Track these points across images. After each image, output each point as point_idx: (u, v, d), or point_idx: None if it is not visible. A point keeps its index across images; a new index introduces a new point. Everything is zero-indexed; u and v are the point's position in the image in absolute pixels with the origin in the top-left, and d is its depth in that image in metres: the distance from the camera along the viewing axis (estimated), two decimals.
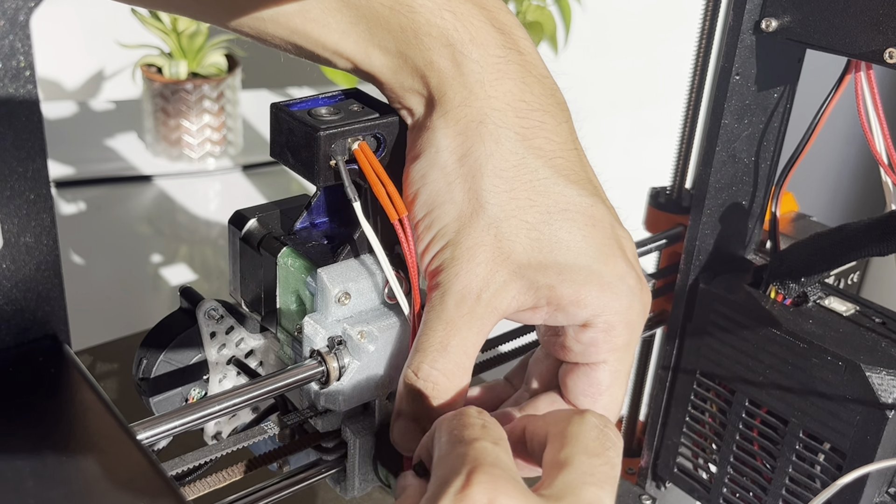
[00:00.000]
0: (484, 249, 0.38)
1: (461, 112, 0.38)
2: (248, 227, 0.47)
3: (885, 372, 0.50)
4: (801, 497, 0.55)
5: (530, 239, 0.38)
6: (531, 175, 0.38)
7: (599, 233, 0.39)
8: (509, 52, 0.38)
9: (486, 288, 0.38)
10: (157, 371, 0.47)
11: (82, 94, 1.45)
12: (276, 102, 0.43)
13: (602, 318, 0.39)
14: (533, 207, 0.38)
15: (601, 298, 0.39)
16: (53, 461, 0.32)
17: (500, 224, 0.38)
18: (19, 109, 0.33)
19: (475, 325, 0.39)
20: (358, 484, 0.46)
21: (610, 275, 0.39)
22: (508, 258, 0.38)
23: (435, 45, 0.38)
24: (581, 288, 0.39)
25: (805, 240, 0.54)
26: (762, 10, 0.51)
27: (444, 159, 0.39)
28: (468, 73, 0.38)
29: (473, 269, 0.38)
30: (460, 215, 0.38)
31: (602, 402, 0.42)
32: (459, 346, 0.39)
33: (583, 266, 0.39)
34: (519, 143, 0.38)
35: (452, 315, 0.39)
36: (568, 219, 0.39)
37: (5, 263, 0.35)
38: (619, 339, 0.40)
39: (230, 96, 1.18)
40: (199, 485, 0.41)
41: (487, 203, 0.38)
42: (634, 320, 0.41)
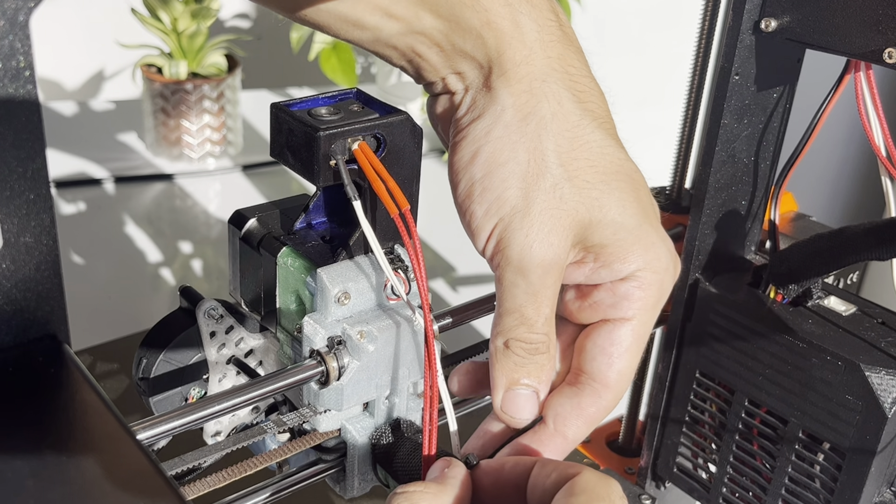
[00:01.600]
0: (553, 214, 0.38)
1: (523, 70, 0.39)
2: (248, 226, 0.47)
3: (885, 372, 0.50)
4: (800, 497, 0.55)
5: (590, 198, 0.39)
6: (588, 136, 0.39)
7: (644, 196, 0.41)
8: (557, 20, 0.40)
9: (558, 256, 0.39)
10: (156, 371, 0.47)
11: (82, 94, 1.45)
12: (276, 102, 0.43)
13: (642, 273, 0.40)
14: (592, 168, 0.39)
15: (645, 256, 0.40)
16: (53, 461, 0.32)
17: (564, 186, 0.39)
18: (19, 109, 0.33)
19: (555, 288, 0.40)
20: (357, 484, 0.46)
21: (654, 236, 0.40)
22: (573, 219, 0.39)
23: (493, 5, 0.38)
24: (630, 246, 0.40)
25: (805, 241, 0.54)
26: (762, 10, 0.51)
27: (509, 118, 0.39)
28: (527, 32, 0.38)
29: (547, 239, 0.39)
30: (525, 176, 0.38)
31: (617, 366, 0.41)
32: (549, 307, 0.40)
33: (633, 226, 0.40)
34: (577, 105, 0.39)
35: (536, 283, 0.39)
36: (623, 180, 0.40)
37: (5, 263, 0.35)
38: (650, 298, 0.41)
39: (230, 96, 1.18)
40: (199, 484, 0.41)
41: (552, 164, 0.38)
42: (667, 283, 0.41)
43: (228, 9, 1.48)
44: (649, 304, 0.41)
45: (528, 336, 0.40)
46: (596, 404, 0.41)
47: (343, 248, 0.44)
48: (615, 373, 0.41)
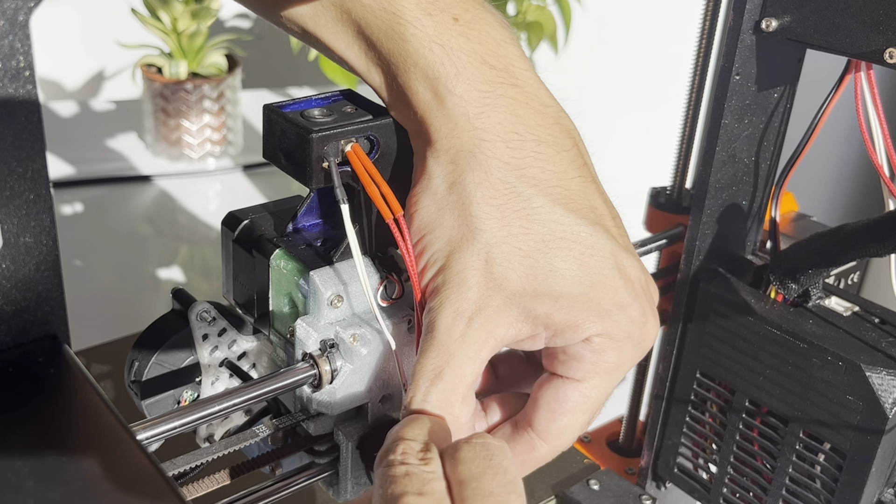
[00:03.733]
0: (475, 273, 0.38)
1: (449, 143, 0.38)
2: (241, 228, 0.47)
3: (885, 372, 0.50)
4: (801, 497, 0.55)
5: (524, 266, 0.38)
6: (524, 203, 0.38)
7: (598, 262, 0.39)
8: (499, 86, 0.38)
9: (479, 313, 0.38)
10: (148, 373, 0.46)
11: (82, 94, 1.45)
12: (269, 104, 0.43)
13: (596, 339, 0.39)
14: (527, 235, 0.38)
15: (601, 324, 0.39)
16: (53, 461, 0.32)
17: (491, 249, 0.38)
18: (19, 109, 0.33)
19: (469, 351, 0.38)
20: (351, 487, 0.46)
21: (608, 303, 0.39)
22: (501, 285, 0.38)
23: (420, 76, 0.38)
24: (580, 314, 0.38)
25: (805, 240, 0.54)
26: (762, 9, 0.51)
27: (436, 186, 0.39)
28: (451, 107, 0.38)
29: (464, 293, 0.38)
30: (451, 240, 0.38)
31: (558, 423, 0.40)
32: (454, 373, 0.38)
33: (578, 294, 0.38)
34: (510, 173, 0.38)
35: (444, 340, 0.38)
36: (563, 247, 0.38)
37: (5, 263, 0.35)
38: (604, 364, 0.39)
39: (230, 96, 1.18)
40: (191, 488, 0.41)
41: (478, 229, 0.38)
42: (628, 351, 0.40)
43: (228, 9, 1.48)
44: (602, 369, 0.40)
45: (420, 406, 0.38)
46: (528, 454, 0.41)
47: (336, 250, 0.44)
48: (554, 429, 0.40)
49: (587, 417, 0.41)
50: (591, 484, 0.64)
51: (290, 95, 1.33)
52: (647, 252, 0.61)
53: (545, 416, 0.40)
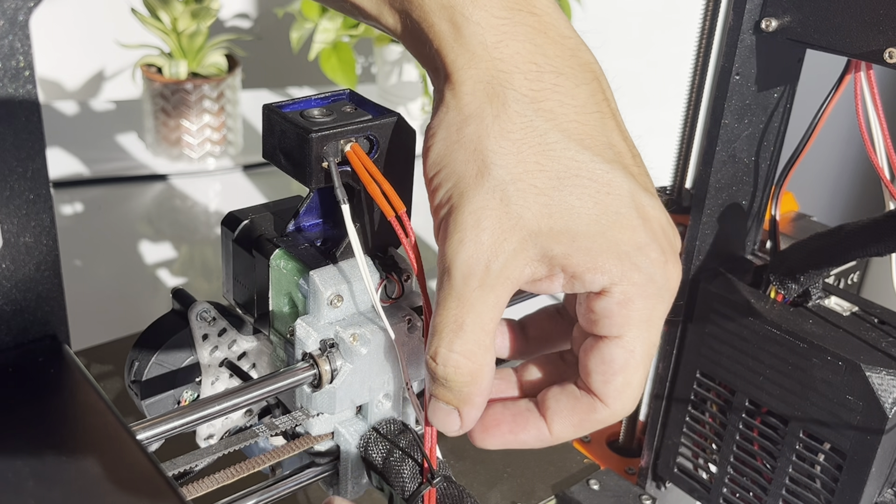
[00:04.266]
0: (489, 214, 0.36)
1: (466, 73, 0.37)
2: (241, 228, 0.47)
3: (885, 372, 0.50)
4: (801, 497, 0.55)
5: (540, 204, 0.36)
6: (540, 138, 0.37)
7: (615, 200, 0.37)
8: (517, 14, 0.37)
9: (495, 257, 0.36)
10: (148, 373, 0.46)
11: (82, 94, 1.45)
12: (269, 104, 0.43)
13: (619, 287, 0.37)
14: (542, 172, 0.37)
15: (619, 267, 0.37)
16: (53, 461, 0.32)
17: (506, 187, 0.36)
18: (19, 109, 0.33)
19: (489, 299, 0.37)
20: (351, 487, 0.46)
21: (627, 244, 0.37)
22: (517, 224, 0.36)
23: (434, 7, 0.37)
24: (598, 256, 0.37)
25: (805, 240, 0.54)
26: (762, 9, 0.51)
27: (451, 118, 0.37)
28: (469, 35, 0.37)
29: (478, 237, 0.36)
30: (464, 176, 0.37)
31: (615, 383, 0.39)
32: (475, 323, 0.37)
33: (596, 233, 0.37)
34: (527, 105, 0.37)
35: (461, 290, 0.37)
36: (579, 185, 0.37)
37: (5, 263, 0.35)
38: (635, 314, 0.38)
39: (230, 96, 1.18)
40: (191, 488, 0.41)
41: (493, 164, 0.36)
42: (654, 295, 0.38)
43: (228, 9, 1.48)
44: (636, 321, 0.38)
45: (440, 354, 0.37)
46: (590, 416, 0.40)
47: (336, 250, 0.44)
48: (612, 390, 0.39)
49: (641, 373, 0.39)
50: (591, 484, 0.64)
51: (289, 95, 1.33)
52: None
53: (599, 378, 0.39)
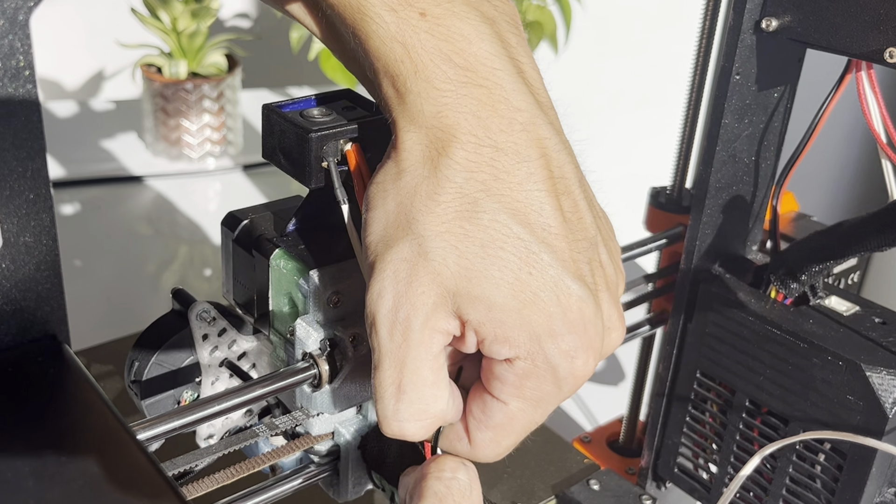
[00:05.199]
0: (407, 266, 0.36)
1: (406, 134, 0.37)
2: (241, 228, 0.47)
3: (886, 372, 0.50)
4: (801, 497, 0.55)
5: (460, 266, 0.36)
6: (470, 205, 0.36)
7: (536, 281, 0.36)
8: (462, 86, 0.37)
9: (415, 311, 0.36)
10: (148, 373, 0.46)
11: (82, 94, 1.45)
12: (268, 103, 0.43)
13: (522, 362, 0.37)
14: (466, 237, 0.36)
15: (528, 346, 0.36)
16: (53, 461, 0.32)
17: (424, 241, 0.36)
18: (19, 109, 0.33)
19: (420, 352, 0.36)
20: (351, 487, 0.46)
21: (541, 327, 0.36)
22: (435, 279, 0.36)
23: (382, 72, 0.37)
24: (510, 329, 0.36)
25: (804, 238, 0.54)
26: (762, 9, 0.51)
27: (388, 169, 0.38)
28: (410, 104, 0.37)
29: (396, 288, 0.36)
30: (388, 226, 0.37)
31: (485, 436, 0.39)
32: (414, 381, 0.37)
33: (512, 309, 0.36)
34: (458, 173, 0.36)
35: (389, 347, 0.37)
36: (503, 257, 0.36)
37: (5, 263, 0.35)
38: (528, 392, 0.37)
39: (230, 96, 1.18)
40: (191, 488, 0.41)
41: (416, 221, 0.36)
42: (549, 385, 0.37)
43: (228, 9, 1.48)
44: (527, 397, 0.37)
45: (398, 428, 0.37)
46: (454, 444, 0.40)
47: (336, 249, 0.44)
48: (479, 438, 0.39)
49: (512, 439, 0.39)
50: (591, 484, 0.64)
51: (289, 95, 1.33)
52: (647, 252, 0.61)
53: (473, 422, 0.39)
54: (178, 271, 1.01)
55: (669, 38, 1.55)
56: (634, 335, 0.63)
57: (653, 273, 0.63)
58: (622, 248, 0.59)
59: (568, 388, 0.38)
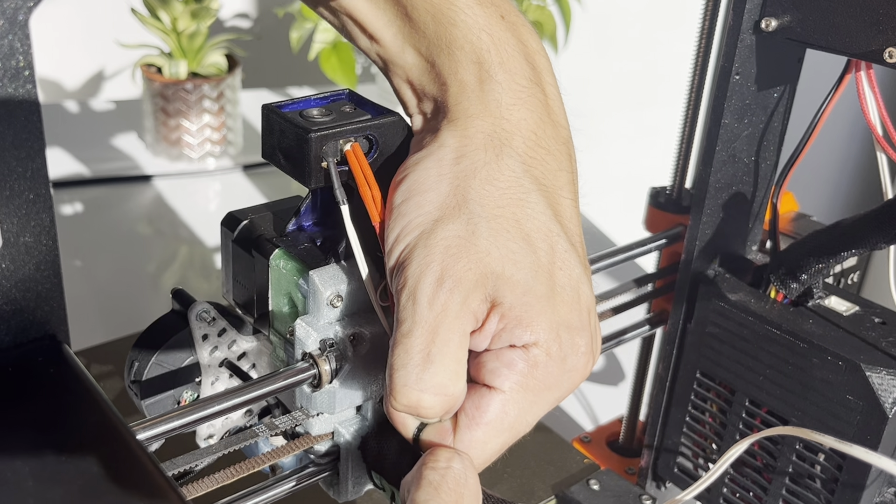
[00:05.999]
0: (460, 242, 0.37)
1: (474, 122, 0.39)
2: (241, 228, 0.47)
3: (885, 372, 0.50)
4: (801, 497, 0.55)
5: (507, 250, 0.37)
6: (524, 195, 0.38)
7: (565, 278, 0.39)
8: (533, 87, 0.40)
9: (459, 283, 0.37)
10: (148, 374, 0.46)
11: (82, 94, 1.45)
12: (268, 104, 0.43)
13: (536, 349, 0.38)
14: (516, 224, 0.38)
15: (547, 334, 0.38)
16: (53, 461, 0.32)
17: (480, 223, 0.37)
18: (19, 109, 0.33)
19: (455, 326, 0.37)
20: (351, 487, 0.46)
21: (564, 319, 0.38)
22: (482, 260, 0.37)
23: (465, 59, 0.39)
24: (536, 316, 0.37)
25: (804, 238, 0.54)
26: (762, 9, 0.51)
27: (443, 154, 0.39)
28: (489, 91, 0.39)
29: (447, 261, 0.37)
30: (442, 205, 0.38)
31: (476, 433, 0.38)
32: (443, 353, 0.37)
33: (544, 296, 0.38)
34: (518, 164, 0.39)
35: (426, 315, 0.37)
36: (543, 250, 0.38)
37: (5, 263, 0.35)
38: (532, 382, 0.38)
39: (230, 96, 1.18)
40: (191, 488, 0.41)
41: (473, 201, 0.38)
42: (558, 375, 0.38)
43: (228, 9, 1.48)
44: (529, 384, 0.38)
45: (407, 393, 0.37)
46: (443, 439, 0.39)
47: (336, 250, 0.44)
48: (468, 437, 0.38)
49: (502, 439, 0.39)
50: (591, 484, 0.64)
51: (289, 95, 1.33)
52: (647, 252, 0.61)
53: (464, 420, 0.39)
54: (178, 271, 1.01)
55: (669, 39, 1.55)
56: (634, 335, 0.63)
57: (653, 273, 0.63)
58: (622, 249, 0.59)
59: (567, 384, 0.39)
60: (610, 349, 0.61)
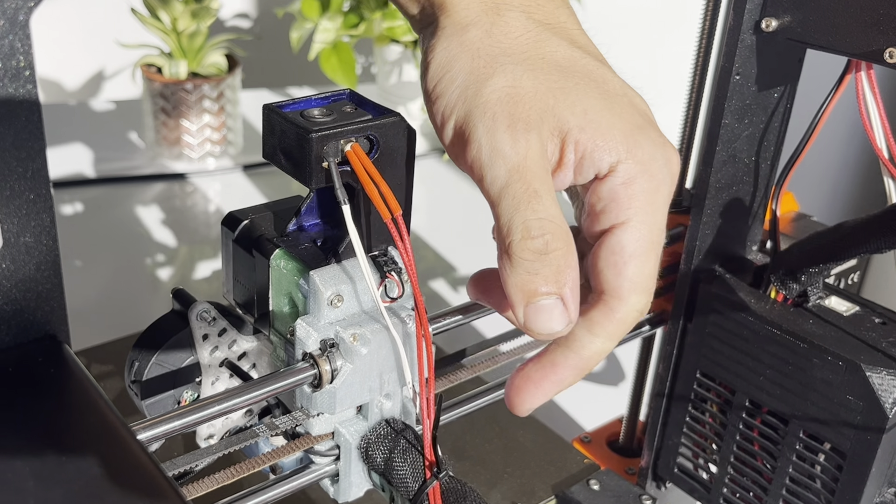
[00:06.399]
0: (508, 91, 0.38)
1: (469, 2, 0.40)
2: (241, 228, 0.47)
3: (885, 372, 0.50)
4: (801, 497, 0.55)
5: (551, 83, 0.38)
6: (537, 36, 0.40)
7: (611, 89, 0.40)
8: None
9: (529, 123, 0.37)
10: (149, 374, 0.46)
11: (82, 94, 1.45)
12: (269, 104, 0.43)
13: (623, 165, 0.38)
14: (544, 61, 0.39)
15: (624, 144, 0.38)
16: (53, 461, 0.32)
17: (516, 69, 0.38)
18: (19, 109, 0.33)
19: (543, 162, 0.37)
20: (351, 487, 0.46)
21: (629, 123, 0.39)
22: (535, 97, 0.38)
23: None
24: (606, 132, 0.38)
25: (805, 238, 0.54)
26: (762, 9, 0.51)
27: (449, 33, 0.40)
28: None
29: (507, 109, 0.38)
30: (473, 70, 0.39)
31: (627, 273, 0.38)
32: (546, 188, 0.37)
33: (602, 109, 0.38)
34: (520, 13, 0.41)
35: (519, 162, 0.37)
36: (578, 74, 0.39)
37: (5, 263, 0.35)
38: (639, 195, 0.38)
39: (230, 96, 1.18)
40: (191, 488, 0.41)
41: (500, 55, 0.39)
42: (657, 176, 0.38)
43: (228, 9, 1.48)
44: (640, 202, 0.38)
45: (531, 225, 0.36)
46: (608, 318, 0.39)
47: (336, 250, 0.44)
48: (626, 282, 0.38)
49: (652, 260, 0.39)
50: (591, 484, 0.64)
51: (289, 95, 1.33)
52: None
53: (611, 273, 0.39)
54: (178, 271, 1.01)
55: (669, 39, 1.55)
56: (634, 335, 0.63)
57: None
58: None
59: (669, 178, 0.39)
60: None
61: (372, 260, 0.44)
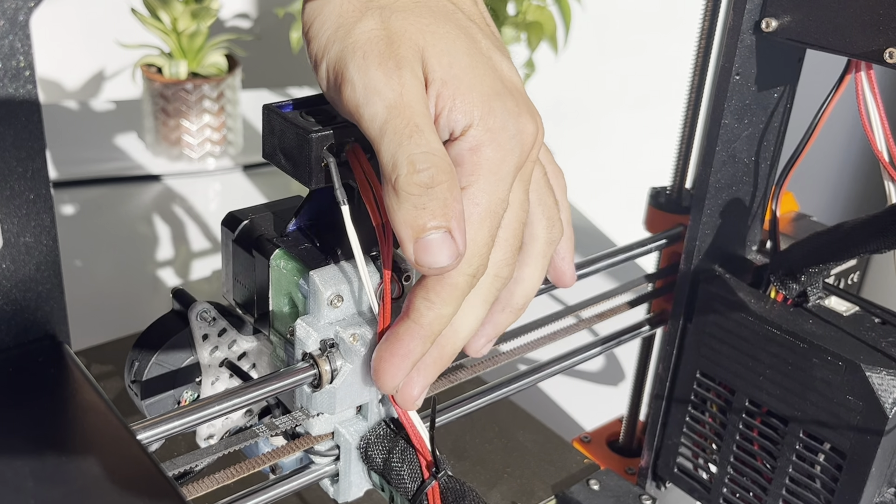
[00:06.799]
0: (379, 31, 0.38)
1: None
2: (241, 228, 0.47)
3: (885, 372, 0.50)
4: (801, 497, 0.55)
5: (422, 26, 0.38)
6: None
7: (476, 50, 0.39)
8: None
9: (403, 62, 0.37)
10: (148, 374, 0.46)
11: (82, 94, 1.45)
12: (268, 104, 0.43)
13: (473, 131, 0.38)
14: (418, 5, 0.39)
15: (479, 108, 0.38)
16: (53, 461, 0.32)
17: (385, 10, 0.38)
18: (19, 109, 0.33)
19: (420, 98, 0.37)
20: (351, 487, 0.46)
21: (488, 87, 0.38)
22: (404, 36, 0.38)
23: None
24: (466, 91, 0.38)
25: (805, 238, 0.54)
26: (762, 9, 0.51)
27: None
28: None
29: (378, 47, 0.37)
30: (340, 16, 0.39)
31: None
32: (426, 122, 0.37)
33: (468, 66, 0.38)
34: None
35: (397, 99, 0.37)
36: (450, 24, 0.39)
37: (5, 263, 0.35)
38: (484, 163, 0.38)
39: (230, 96, 1.18)
40: (191, 488, 0.41)
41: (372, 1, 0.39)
42: (505, 146, 0.38)
43: (228, 9, 1.48)
44: (484, 170, 0.38)
45: (415, 159, 0.36)
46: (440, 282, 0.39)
47: (336, 250, 0.44)
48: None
49: (486, 227, 0.39)
50: (591, 484, 0.64)
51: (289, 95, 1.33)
52: (647, 252, 0.61)
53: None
54: (178, 271, 1.01)
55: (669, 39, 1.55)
56: (634, 335, 0.63)
57: (653, 273, 0.63)
58: (622, 249, 0.59)
59: (518, 149, 0.39)
60: (610, 349, 0.61)
61: (372, 260, 0.44)
